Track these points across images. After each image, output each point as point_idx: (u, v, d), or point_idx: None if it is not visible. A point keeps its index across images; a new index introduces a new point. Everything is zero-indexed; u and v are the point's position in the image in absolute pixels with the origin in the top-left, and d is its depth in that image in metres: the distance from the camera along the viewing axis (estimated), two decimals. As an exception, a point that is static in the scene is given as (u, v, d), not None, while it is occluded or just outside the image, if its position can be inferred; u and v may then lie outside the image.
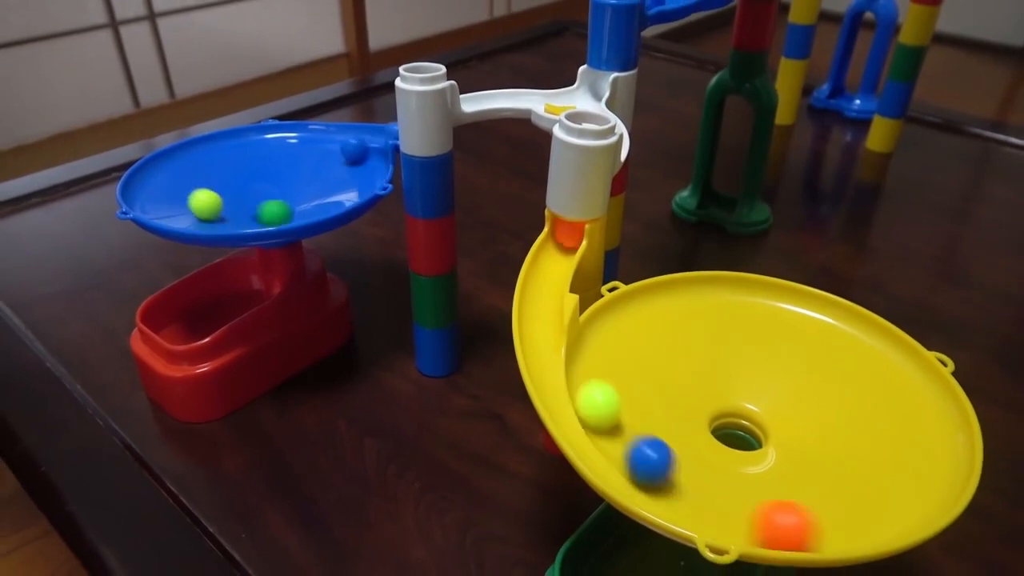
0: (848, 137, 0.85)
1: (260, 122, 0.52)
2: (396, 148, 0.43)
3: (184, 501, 0.42)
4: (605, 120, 0.33)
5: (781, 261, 0.63)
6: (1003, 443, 0.46)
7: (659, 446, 0.27)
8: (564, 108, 0.39)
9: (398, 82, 0.39)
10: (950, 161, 0.79)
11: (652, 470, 0.27)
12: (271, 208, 0.44)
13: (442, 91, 0.39)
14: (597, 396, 0.29)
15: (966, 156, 0.81)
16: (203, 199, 0.43)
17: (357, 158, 0.46)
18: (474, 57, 1.04)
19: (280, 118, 0.84)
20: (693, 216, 0.67)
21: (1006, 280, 0.61)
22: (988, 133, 0.84)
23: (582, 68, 0.42)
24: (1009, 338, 0.55)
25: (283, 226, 0.43)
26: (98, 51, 1.63)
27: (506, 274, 0.59)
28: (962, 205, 0.72)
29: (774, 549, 0.24)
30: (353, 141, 0.46)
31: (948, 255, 0.64)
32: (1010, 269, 0.62)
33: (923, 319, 0.57)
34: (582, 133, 0.32)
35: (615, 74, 0.40)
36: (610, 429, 0.29)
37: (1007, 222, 0.69)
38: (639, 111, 0.90)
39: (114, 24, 1.63)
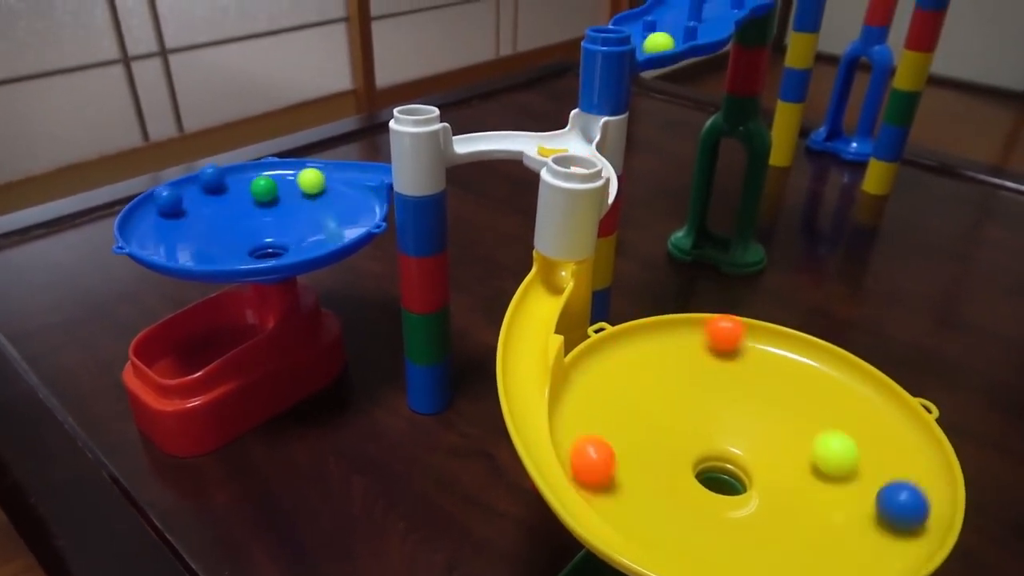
0: (845, 179, 0.85)
1: (260, 159, 0.53)
2: (391, 186, 0.44)
3: (169, 537, 0.41)
4: (592, 164, 0.34)
5: (775, 301, 0.63)
6: (998, 488, 0.45)
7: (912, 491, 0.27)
8: (554, 151, 0.40)
9: (392, 123, 0.40)
10: (947, 204, 0.80)
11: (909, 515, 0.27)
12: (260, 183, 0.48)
13: (435, 133, 0.40)
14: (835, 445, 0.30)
15: (963, 199, 0.81)
16: (310, 176, 0.49)
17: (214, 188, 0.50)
18: (478, 96, 1.06)
19: (286, 154, 0.85)
20: (688, 256, 0.68)
21: (1002, 323, 0.61)
22: (983, 176, 0.85)
23: (574, 112, 0.43)
24: (1004, 382, 0.54)
25: (277, 263, 0.43)
26: (110, 86, 1.67)
27: (501, 312, 0.58)
28: (958, 247, 0.72)
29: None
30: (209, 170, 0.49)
31: (944, 297, 0.64)
32: (1006, 312, 0.62)
33: (918, 361, 0.56)
34: (569, 177, 0.33)
35: (606, 118, 0.41)
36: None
37: (1004, 265, 0.69)
38: (639, 151, 0.92)
39: (126, 60, 1.67)
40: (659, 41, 0.43)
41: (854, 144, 0.88)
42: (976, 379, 0.54)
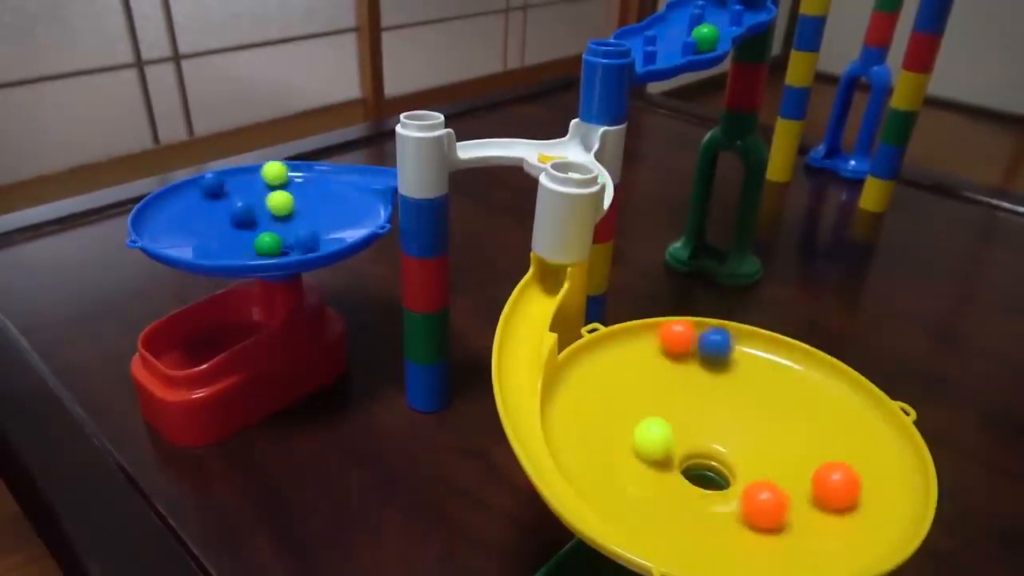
0: (843, 196, 0.87)
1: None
2: (395, 190, 0.45)
3: (172, 523, 0.43)
4: (589, 170, 0.35)
5: (770, 313, 0.65)
6: (983, 501, 0.46)
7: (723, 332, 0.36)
8: (554, 158, 0.41)
9: (399, 128, 0.41)
10: (943, 223, 0.81)
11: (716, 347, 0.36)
12: (264, 240, 0.47)
13: (439, 138, 0.41)
14: (654, 430, 0.32)
15: (959, 219, 0.83)
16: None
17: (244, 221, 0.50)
18: (483, 107, 1.08)
19: (294, 158, 0.87)
20: (685, 267, 0.69)
21: (996, 342, 0.62)
22: (980, 197, 0.86)
23: (574, 121, 0.44)
24: (995, 399, 0.55)
25: (283, 259, 0.45)
26: (123, 89, 1.70)
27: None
28: (954, 266, 0.73)
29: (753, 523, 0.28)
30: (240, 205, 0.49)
31: (938, 314, 0.66)
32: (1000, 331, 0.63)
33: (909, 375, 0.57)
34: (566, 181, 0.34)
35: (605, 127, 0.43)
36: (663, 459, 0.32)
37: (999, 284, 0.70)
38: (642, 164, 0.93)
39: (140, 64, 1.70)
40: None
41: (852, 162, 0.90)
42: (967, 396, 0.55)
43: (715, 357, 0.37)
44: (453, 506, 0.44)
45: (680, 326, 0.37)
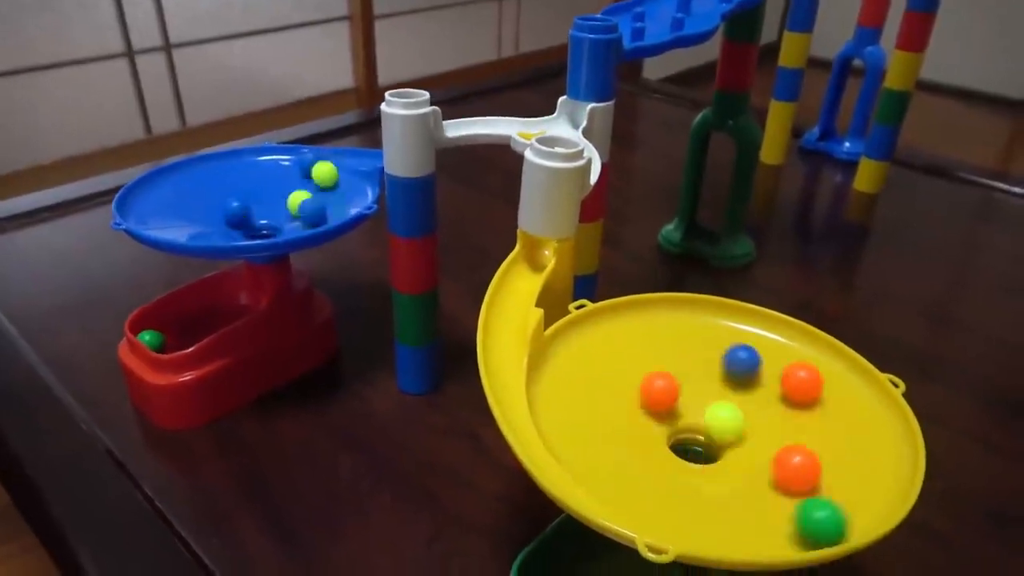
0: (837, 178, 0.86)
1: (259, 145, 0.54)
2: (383, 171, 0.45)
3: (160, 507, 0.42)
4: (575, 144, 0.35)
5: (763, 295, 0.64)
6: (979, 480, 0.46)
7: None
8: (540, 134, 0.41)
9: (384, 106, 0.41)
10: (937, 203, 0.81)
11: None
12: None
13: (425, 116, 0.41)
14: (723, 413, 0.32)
15: (953, 199, 0.82)
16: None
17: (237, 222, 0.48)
18: (476, 93, 1.07)
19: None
20: (678, 248, 0.69)
21: (989, 321, 0.61)
22: (974, 177, 0.86)
23: (562, 99, 0.44)
24: (989, 378, 0.55)
25: (269, 240, 0.45)
26: (114, 79, 1.69)
27: (492, 299, 0.60)
28: (947, 246, 0.73)
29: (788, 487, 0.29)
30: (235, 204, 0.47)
31: (931, 295, 0.65)
32: (993, 311, 0.63)
33: (903, 356, 0.57)
34: (551, 156, 0.34)
35: (592, 104, 0.42)
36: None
37: (992, 264, 0.70)
38: (637, 149, 0.93)
39: (130, 53, 1.69)
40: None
41: (847, 144, 0.89)
42: (961, 376, 0.55)
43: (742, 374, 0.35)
44: (442, 487, 0.44)
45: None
